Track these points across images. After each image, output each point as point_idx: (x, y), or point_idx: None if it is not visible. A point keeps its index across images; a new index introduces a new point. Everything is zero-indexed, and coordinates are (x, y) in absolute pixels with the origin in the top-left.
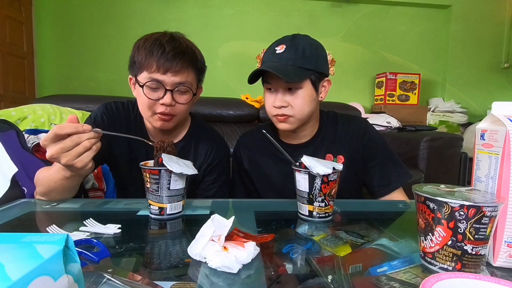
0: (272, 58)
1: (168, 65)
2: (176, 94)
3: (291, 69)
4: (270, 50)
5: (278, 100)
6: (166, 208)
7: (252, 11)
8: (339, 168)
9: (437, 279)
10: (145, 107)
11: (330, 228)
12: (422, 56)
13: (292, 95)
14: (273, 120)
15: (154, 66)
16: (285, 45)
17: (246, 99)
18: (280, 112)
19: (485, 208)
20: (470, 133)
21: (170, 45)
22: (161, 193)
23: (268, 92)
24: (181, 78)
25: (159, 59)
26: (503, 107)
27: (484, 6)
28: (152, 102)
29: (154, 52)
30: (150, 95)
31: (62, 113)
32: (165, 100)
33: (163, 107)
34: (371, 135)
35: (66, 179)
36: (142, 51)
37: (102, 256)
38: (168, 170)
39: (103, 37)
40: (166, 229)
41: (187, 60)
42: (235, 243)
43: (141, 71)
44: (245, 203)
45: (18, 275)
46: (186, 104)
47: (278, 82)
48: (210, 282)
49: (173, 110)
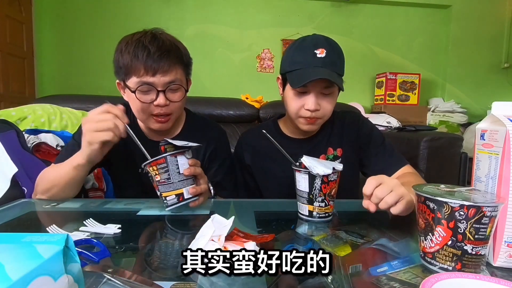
0: (314, 62)
1: (156, 66)
2: (168, 93)
3: (336, 75)
4: (308, 53)
5: (314, 103)
6: (182, 193)
7: (252, 11)
8: (339, 168)
9: (437, 279)
10: (139, 111)
11: (330, 228)
12: (422, 56)
13: (324, 99)
14: (298, 121)
15: (142, 70)
16: (325, 50)
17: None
18: (313, 115)
19: (485, 208)
20: (470, 133)
21: (154, 45)
22: (173, 179)
23: (296, 94)
24: (170, 77)
25: (146, 61)
26: (503, 107)
27: (484, 6)
28: (146, 105)
29: (139, 55)
30: (143, 99)
31: (62, 113)
32: (159, 101)
33: (158, 108)
34: (365, 126)
35: (76, 169)
36: (126, 55)
37: (102, 256)
38: (173, 155)
39: (103, 37)
40: (166, 229)
41: (174, 58)
42: (235, 243)
43: (130, 76)
44: (245, 203)
45: (18, 275)
46: (180, 102)
47: (315, 85)
48: (210, 282)
49: (168, 109)
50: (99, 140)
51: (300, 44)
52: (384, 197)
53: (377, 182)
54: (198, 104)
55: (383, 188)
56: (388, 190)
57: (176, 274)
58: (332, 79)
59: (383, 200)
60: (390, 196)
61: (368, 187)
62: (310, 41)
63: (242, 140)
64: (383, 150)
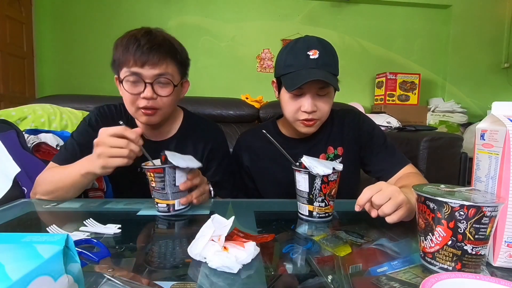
0: (307, 64)
1: (144, 58)
2: (156, 86)
3: (330, 76)
4: (300, 55)
5: (310, 105)
6: (173, 204)
7: (252, 11)
8: (339, 168)
9: (437, 279)
10: (128, 103)
11: (330, 228)
12: (422, 56)
13: (320, 100)
14: (296, 124)
15: (132, 61)
16: (318, 51)
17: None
18: (310, 116)
19: (485, 208)
20: (470, 133)
21: (145, 38)
22: (168, 190)
23: (292, 97)
24: (159, 70)
25: (135, 53)
26: (503, 107)
27: (484, 6)
28: (134, 97)
29: (130, 47)
30: (131, 90)
31: (62, 113)
32: (145, 93)
33: (145, 101)
34: (367, 124)
35: (84, 176)
36: (119, 48)
37: (102, 256)
38: (172, 167)
39: (103, 37)
40: (166, 230)
41: (164, 52)
42: (235, 243)
43: (121, 67)
44: (245, 203)
45: (18, 275)
46: (168, 97)
47: (311, 87)
48: (210, 282)
49: (156, 103)
50: (113, 166)
51: (293, 47)
52: (381, 206)
53: (374, 191)
54: (198, 104)
55: (381, 196)
56: (386, 198)
57: (176, 274)
58: (327, 79)
59: (380, 209)
60: (387, 205)
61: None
62: (302, 43)
63: (240, 142)
64: (385, 149)
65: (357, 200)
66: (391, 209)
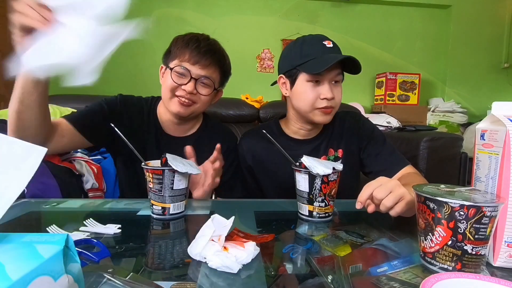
0: (327, 51)
1: (198, 58)
2: (198, 85)
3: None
4: (316, 44)
5: (329, 91)
6: (169, 208)
7: (252, 11)
8: (339, 168)
9: (437, 279)
10: (167, 90)
11: (330, 228)
12: (422, 56)
13: (336, 87)
14: (314, 113)
15: (187, 56)
16: (331, 42)
17: (246, 99)
18: (330, 104)
19: (485, 208)
20: (470, 133)
21: (205, 42)
22: (164, 193)
23: (311, 86)
24: (206, 72)
25: (193, 51)
26: (503, 107)
27: (484, 6)
28: (176, 86)
29: (190, 44)
30: (176, 79)
31: (62, 113)
32: (187, 86)
33: (183, 92)
34: (366, 126)
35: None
36: (180, 42)
37: (102, 256)
38: (171, 170)
39: None
40: (166, 229)
41: (216, 59)
42: (235, 243)
43: (174, 59)
44: (245, 203)
45: (18, 275)
46: (206, 96)
47: (329, 74)
48: (210, 282)
49: (193, 98)
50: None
51: (305, 40)
52: (382, 200)
53: (375, 186)
54: None
55: (382, 190)
56: (387, 191)
57: (176, 274)
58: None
59: (382, 204)
60: (388, 198)
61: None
62: (314, 36)
63: (243, 141)
64: (385, 150)
65: (358, 197)
66: (392, 202)
